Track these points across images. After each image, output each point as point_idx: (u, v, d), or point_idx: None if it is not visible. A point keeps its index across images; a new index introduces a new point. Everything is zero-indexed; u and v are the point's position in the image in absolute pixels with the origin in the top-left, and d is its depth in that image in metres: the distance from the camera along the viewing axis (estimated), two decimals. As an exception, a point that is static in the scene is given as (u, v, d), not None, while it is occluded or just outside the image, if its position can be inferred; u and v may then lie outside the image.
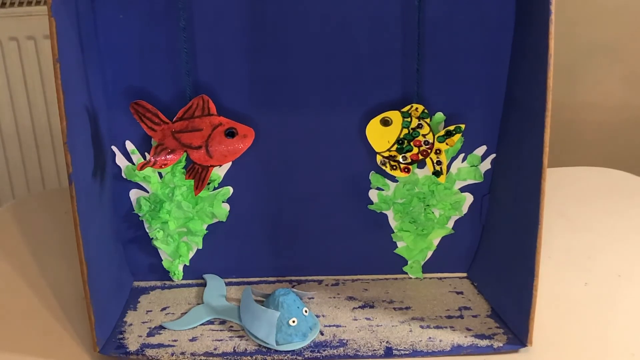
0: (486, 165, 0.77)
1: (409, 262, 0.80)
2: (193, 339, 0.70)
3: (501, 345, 0.68)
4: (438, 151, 0.74)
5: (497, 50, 0.72)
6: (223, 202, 0.78)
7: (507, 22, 0.71)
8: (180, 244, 0.78)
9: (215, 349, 0.69)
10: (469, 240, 0.80)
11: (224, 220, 0.78)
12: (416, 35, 0.72)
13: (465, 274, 0.81)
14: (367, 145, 0.74)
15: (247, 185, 0.77)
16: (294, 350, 0.68)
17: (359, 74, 0.73)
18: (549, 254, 0.83)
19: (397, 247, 0.80)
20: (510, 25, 0.71)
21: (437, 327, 0.71)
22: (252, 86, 0.73)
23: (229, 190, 0.77)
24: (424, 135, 0.73)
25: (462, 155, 0.76)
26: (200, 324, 0.72)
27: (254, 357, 0.68)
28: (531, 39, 0.66)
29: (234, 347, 0.69)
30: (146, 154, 0.74)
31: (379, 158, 0.74)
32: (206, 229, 0.78)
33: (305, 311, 0.70)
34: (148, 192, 0.77)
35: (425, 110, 0.73)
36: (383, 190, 0.77)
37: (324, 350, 0.68)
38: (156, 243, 0.77)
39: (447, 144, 0.74)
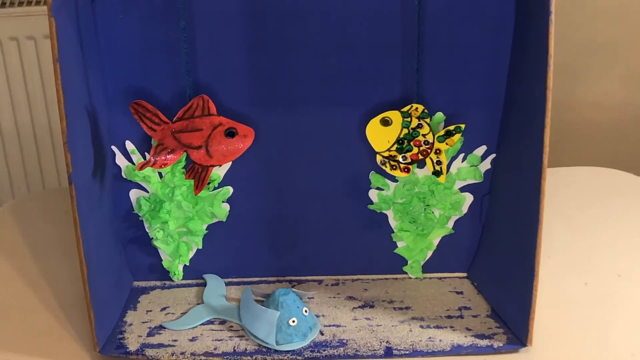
0: (486, 165, 0.77)
1: (409, 262, 0.80)
2: (193, 339, 0.70)
3: (501, 345, 0.68)
4: (438, 151, 0.74)
5: (497, 50, 0.72)
6: (223, 202, 0.78)
7: (507, 22, 0.71)
8: (180, 244, 0.78)
9: (215, 349, 0.69)
10: (469, 240, 0.80)
11: (224, 220, 0.78)
12: (416, 35, 0.72)
13: (465, 274, 0.81)
14: (367, 145, 0.74)
15: (247, 185, 0.77)
16: (294, 350, 0.68)
17: (358, 74, 0.73)
18: (549, 254, 0.83)
19: (397, 247, 0.80)
20: (510, 25, 0.71)
21: (437, 327, 0.71)
22: (252, 86, 0.73)
23: (229, 190, 0.77)
24: (424, 135, 0.73)
25: (462, 155, 0.76)
26: (200, 324, 0.72)
27: (254, 357, 0.68)
28: (531, 38, 0.66)
29: (234, 347, 0.69)
30: (146, 153, 0.74)
31: (379, 158, 0.74)
32: (206, 229, 0.78)
33: (305, 311, 0.70)
34: (148, 192, 0.77)
35: (425, 110, 0.73)
36: (383, 190, 0.77)
37: (324, 350, 0.68)
38: (156, 243, 0.77)
39: (447, 143, 0.74)
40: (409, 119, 0.73)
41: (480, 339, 0.69)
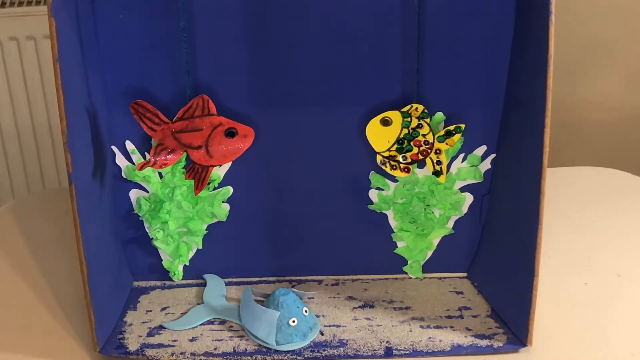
0: (486, 165, 0.77)
1: (409, 262, 0.80)
2: (193, 339, 0.70)
3: (501, 345, 0.68)
4: (438, 151, 0.74)
5: (497, 51, 0.72)
6: (223, 202, 0.78)
7: (507, 22, 0.71)
8: (180, 244, 0.78)
9: (215, 349, 0.69)
10: (469, 240, 0.80)
11: (224, 220, 0.78)
12: (416, 35, 0.72)
13: (465, 274, 0.81)
14: (367, 145, 0.74)
15: (247, 185, 0.77)
16: (294, 350, 0.68)
17: (359, 74, 0.73)
18: (549, 254, 0.83)
19: (397, 247, 0.80)
20: (510, 25, 0.71)
21: (437, 327, 0.71)
22: (252, 86, 0.73)
23: (229, 190, 0.77)
24: (424, 135, 0.73)
25: (462, 155, 0.76)
26: (200, 324, 0.72)
27: (254, 357, 0.68)
28: (531, 39, 0.66)
29: (234, 347, 0.69)
30: (146, 153, 0.74)
31: (379, 158, 0.74)
32: (206, 229, 0.78)
33: (305, 311, 0.70)
34: (148, 192, 0.77)
35: (425, 110, 0.73)
36: (383, 190, 0.77)
37: (324, 350, 0.68)
38: (156, 243, 0.77)
39: (447, 143, 0.74)
40: (409, 119, 0.73)
41: (480, 339, 0.69)
